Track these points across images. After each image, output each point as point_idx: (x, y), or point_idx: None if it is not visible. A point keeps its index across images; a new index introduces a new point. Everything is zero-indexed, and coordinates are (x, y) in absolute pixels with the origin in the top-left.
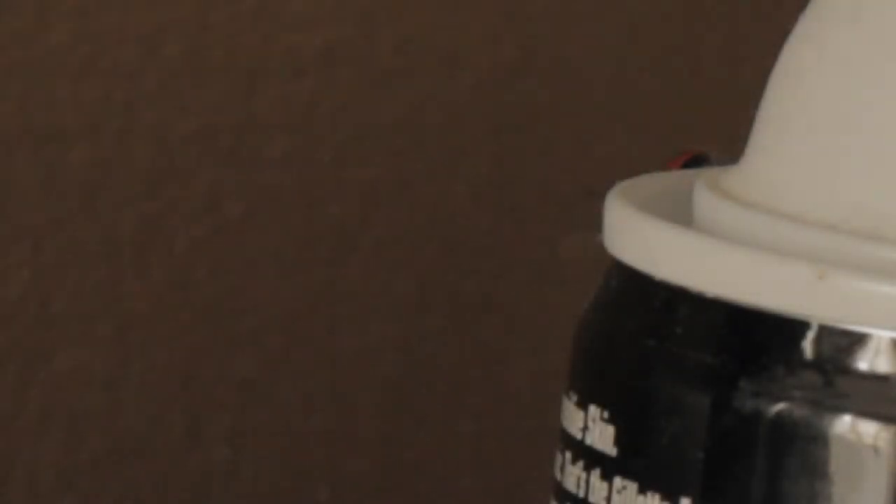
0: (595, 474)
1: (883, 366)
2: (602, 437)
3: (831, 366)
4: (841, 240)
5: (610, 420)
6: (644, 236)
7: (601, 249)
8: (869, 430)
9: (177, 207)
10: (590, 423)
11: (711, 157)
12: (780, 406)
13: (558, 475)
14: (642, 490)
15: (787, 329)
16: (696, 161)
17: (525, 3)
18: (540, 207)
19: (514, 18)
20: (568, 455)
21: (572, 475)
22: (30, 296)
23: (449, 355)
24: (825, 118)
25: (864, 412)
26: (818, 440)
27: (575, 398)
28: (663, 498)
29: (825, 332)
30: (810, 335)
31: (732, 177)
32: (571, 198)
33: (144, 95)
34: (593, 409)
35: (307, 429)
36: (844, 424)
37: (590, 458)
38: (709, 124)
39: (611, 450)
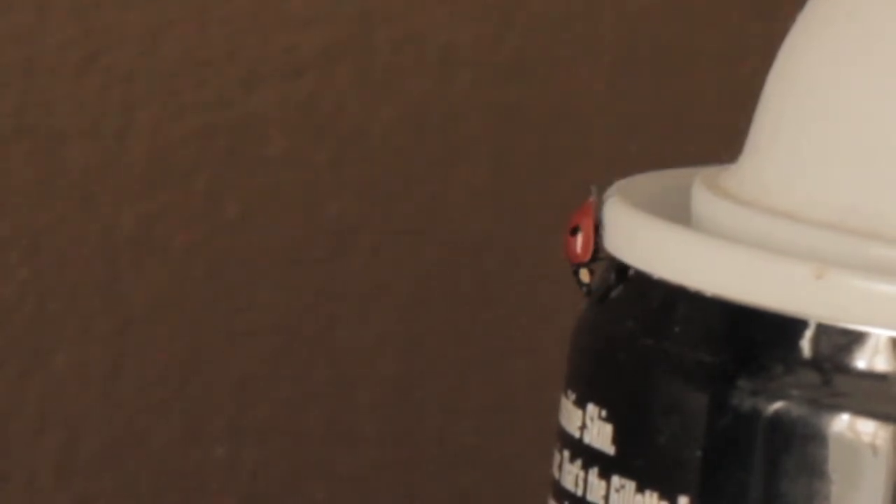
0: (593, 473)
1: (881, 364)
2: (600, 435)
3: (829, 364)
4: (839, 239)
5: (608, 419)
6: (642, 235)
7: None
8: (867, 428)
9: (175, 207)
10: (588, 422)
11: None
12: (778, 405)
13: (556, 474)
14: (640, 489)
15: (785, 328)
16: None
17: (525, 3)
18: (539, 207)
19: (513, 18)
20: (566, 453)
21: (570, 474)
22: (28, 295)
23: (448, 354)
24: (823, 117)
25: (862, 411)
26: (816, 439)
27: (573, 397)
28: (661, 496)
29: (823, 330)
30: (808, 334)
31: (731, 175)
32: (570, 197)
33: (142, 95)
34: (591, 408)
35: (305, 427)
36: (842, 423)
37: (588, 456)
38: (708, 124)
39: (609, 448)
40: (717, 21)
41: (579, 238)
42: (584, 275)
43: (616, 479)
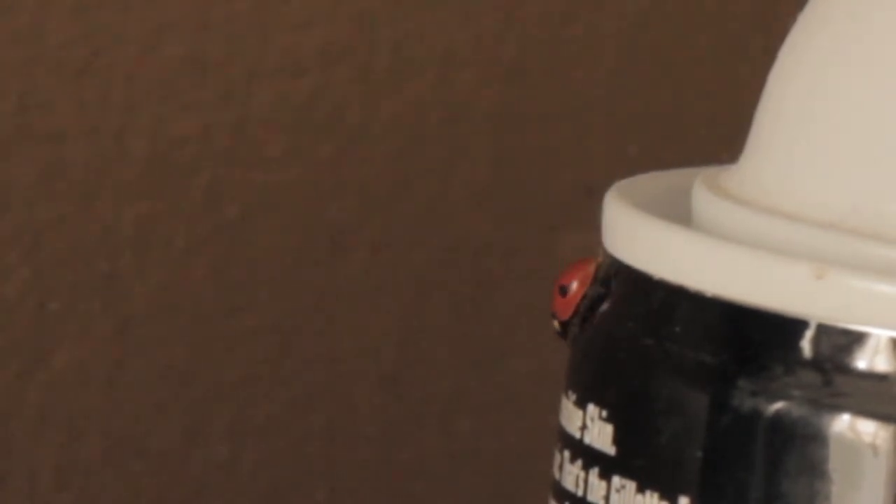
0: (593, 473)
1: (881, 365)
2: (601, 435)
3: (830, 365)
4: (839, 239)
5: (608, 419)
6: (642, 235)
7: (600, 248)
8: (867, 428)
9: (175, 207)
10: (588, 422)
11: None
12: (778, 405)
13: (557, 474)
14: (641, 489)
15: (785, 328)
16: None
17: (525, 3)
18: (539, 207)
19: (514, 18)
20: (566, 454)
21: (571, 474)
22: (29, 295)
23: (448, 354)
24: (823, 117)
25: (862, 411)
26: (817, 439)
27: (573, 397)
28: (662, 497)
29: (824, 331)
30: (809, 334)
31: (731, 176)
32: (570, 197)
33: (143, 95)
34: (592, 408)
35: (306, 427)
36: (843, 423)
37: (588, 456)
38: (708, 124)
39: (609, 449)
40: (717, 21)
41: (567, 296)
42: (555, 323)
43: (616, 480)
